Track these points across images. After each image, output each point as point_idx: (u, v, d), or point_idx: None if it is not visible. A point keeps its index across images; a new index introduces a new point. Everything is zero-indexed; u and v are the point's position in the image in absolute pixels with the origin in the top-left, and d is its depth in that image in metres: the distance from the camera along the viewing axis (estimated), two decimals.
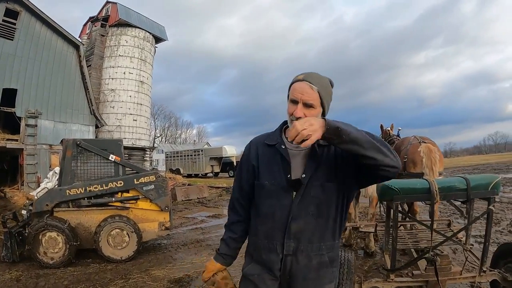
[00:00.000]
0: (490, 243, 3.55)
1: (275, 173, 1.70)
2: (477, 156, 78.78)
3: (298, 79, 1.66)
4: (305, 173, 1.65)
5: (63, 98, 19.75)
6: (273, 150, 1.73)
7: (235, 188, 1.91)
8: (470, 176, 3.52)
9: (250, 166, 1.80)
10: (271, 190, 1.69)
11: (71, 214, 6.35)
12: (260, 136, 1.89)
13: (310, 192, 1.64)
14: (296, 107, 1.62)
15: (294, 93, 1.64)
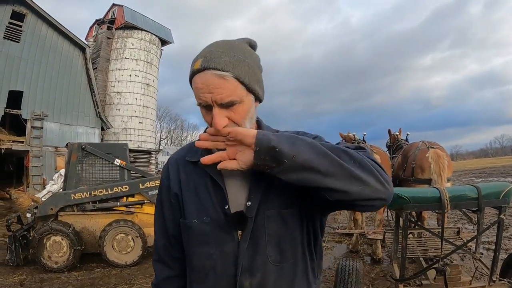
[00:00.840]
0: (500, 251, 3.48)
1: (205, 205, 1.16)
2: (484, 159, 78.32)
3: (196, 68, 1.07)
4: (250, 200, 1.11)
5: (69, 101, 19.89)
6: (199, 170, 1.18)
7: (157, 233, 1.35)
8: (481, 185, 3.45)
9: (172, 197, 1.25)
10: (203, 233, 1.15)
11: (75, 218, 6.33)
12: (181, 150, 1.35)
13: (263, 228, 1.12)
14: (213, 114, 1.06)
15: (198, 93, 1.07)
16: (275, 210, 1.13)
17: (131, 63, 27.09)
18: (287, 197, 1.13)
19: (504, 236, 7.38)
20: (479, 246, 3.93)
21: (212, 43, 1.15)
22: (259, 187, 1.13)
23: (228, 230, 1.13)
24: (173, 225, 1.27)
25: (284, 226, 1.13)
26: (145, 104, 27.93)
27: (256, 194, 1.13)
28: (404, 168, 5.85)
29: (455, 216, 9.95)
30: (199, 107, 1.12)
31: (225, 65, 1.05)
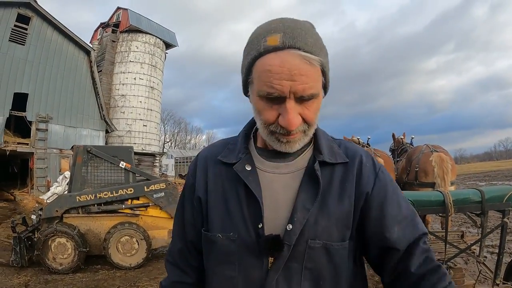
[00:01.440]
0: (503, 254, 3.49)
1: (234, 218, 0.95)
2: (488, 163, 77.93)
3: (274, 45, 0.82)
4: (292, 223, 0.90)
5: (74, 103, 20.01)
6: (232, 174, 0.97)
7: (175, 234, 1.14)
8: (485, 188, 3.46)
9: (195, 200, 1.04)
10: (228, 251, 0.95)
11: (80, 220, 6.36)
12: (214, 145, 1.13)
13: (301, 260, 0.91)
14: (282, 109, 0.85)
15: (271, 80, 0.82)
16: (321, 241, 0.91)
17: (136, 66, 27.28)
18: (342, 227, 0.94)
19: (509, 239, 7.36)
20: (483, 250, 3.92)
21: (279, 18, 0.90)
22: (307, 207, 0.91)
23: (258, 254, 0.91)
24: (193, 230, 1.07)
25: (328, 262, 0.92)
26: (149, 107, 28.07)
27: (301, 216, 0.90)
28: (408, 171, 5.86)
29: (460, 219, 9.92)
30: (255, 96, 0.89)
31: (312, 48, 0.83)
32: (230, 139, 1.10)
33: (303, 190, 0.93)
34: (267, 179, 0.95)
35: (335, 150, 1.00)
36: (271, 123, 0.88)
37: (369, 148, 6.46)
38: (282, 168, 0.97)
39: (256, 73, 0.86)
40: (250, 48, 0.88)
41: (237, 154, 1.00)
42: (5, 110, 16.82)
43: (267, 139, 0.94)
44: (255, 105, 0.91)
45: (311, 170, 0.94)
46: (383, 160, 5.52)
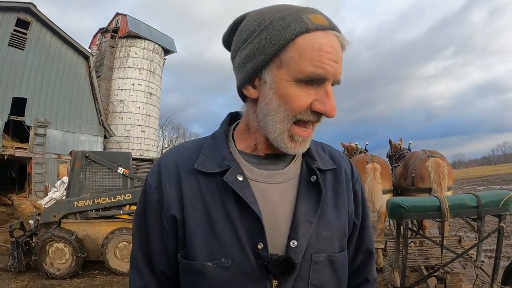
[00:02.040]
0: (501, 259, 3.51)
1: (224, 239, 0.80)
2: (486, 167, 78.07)
3: (322, 24, 0.76)
4: (297, 239, 0.80)
5: (72, 108, 20.01)
6: (217, 184, 0.83)
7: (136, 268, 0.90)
8: (481, 193, 3.49)
9: (167, 220, 0.85)
10: (221, 282, 0.80)
11: (78, 226, 6.37)
12: (181, 149, 0.92)
13: (306, 277, 0.83)
14: (321, 93, 0.77)
15: (322, 59, 0.73)
16: (325, 254, 0.85)
17: (134, 72, 27.29)
18: (342, 236, 0.90)
19: (507, 244, 7.39)
20: (480, 254, 3.96)
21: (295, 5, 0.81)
22: (310, 220, 0.83)
23: (260, 278, 0.79)
24: (164, 258, 0.88)
25: (333, 275, 0.86)
26: (148, 113, 28.05)
27: (305, 230, 0.81)
28: (405, 177, 5.88)
29: (458, 224, 9.94)
30: (288, 83, 0.76)
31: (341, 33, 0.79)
32: (202, 141, 0.91)
33: (302, 200, 0.84)
34: (260, 190, 0.82)
35: (322, 155, 0.94)
36: (300, 112, 0.77)
37: (366, 154, 6.49)
38: (275, 177, 0.86)
39: (298, 51, 0.73)
40: (286, 24, 0.75)
41: (221, 160, 0.84)
42: (3, 115, 16.81)
43: (278, 138, 0.80)
44: (283, 92, 0.76)
45: (307, 178, 0.87)
46: (379, 166, 5.55)
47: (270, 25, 0.76)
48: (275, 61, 0.76)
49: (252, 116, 0.86)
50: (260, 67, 0.78)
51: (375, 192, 5.32)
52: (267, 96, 0.79)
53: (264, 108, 0.80)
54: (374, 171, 5.41)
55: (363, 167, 5.49)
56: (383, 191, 5.43)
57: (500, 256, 3.49)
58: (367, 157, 5.86)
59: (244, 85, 0.84)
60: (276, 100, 0.78)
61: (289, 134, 0.80)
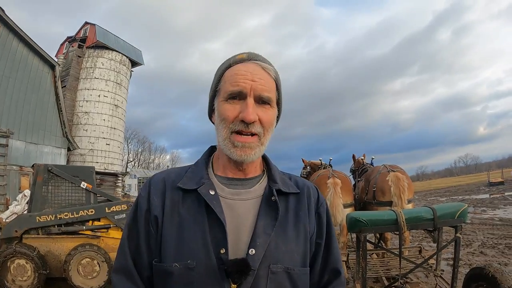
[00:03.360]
0: (461, 265, 3.69)
1: (191, 244, 0.93)
2: (449, 179, 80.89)
3: (241, 58, 1.01)
4: (255, 248, 0.92)
5: (36, 119, 19.33)
6: (193, 200, 0.99)
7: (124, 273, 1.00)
8: (437, 206, 3.67)
9: (153, 223, 0.99)
10: (186, 281, 0.91)
11: (40, 242, 6.16)
12: (170, 171, 1.10)
13: (264, 285, 0.92)
14: (243, 105, 0.96)
15: (237, 79, 0.97)
16: (283, 265, 0.94)
17: (101, 83, 26.85)
18: (303, 252, 1.00)
19: (468, 251, 7.72)
20: (439, 264, 4.13)
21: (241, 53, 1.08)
22: (268, 232, 0.95)
23: (220, 281, 0.89)
24: (149, 264, 0.99)
25: (291, 287, 0.95)
26: (113, 126, 27.57)
27: (263, 240, 0.93)
28: (367, 191, 6.04)
29: (420, 234, 10.27)
30: (219, 100, 1.01)
31: (269, 64, 1.02)
32: (188, 167, 1.09)
33: (262, 215, 0.97)
34: (229, 205, 0.97)
35: (287, 181, 1.09)
36: (232, 121, 0.97)
37: (328, 169, 6.63)
38: (242, 195, 1.01)
39: (224, 79, 1.01)
40: (220, 67, 1.05)
41: (199, 179, 1.01)
42: None
43: (224, 146, 0.99)
44: (219, 110, 1.00)
45: (268, 198, 1.01)
46: (340, 181, 5.68)
47: (217, 70, 1.06)
48: (216, 92, 1.04)
49: (217, 138, 1.06)
50: (212, 98, 1.07)
51: (336, 206, 5.43)
52: (216, 116, 1.04)
53: (216, 127, 1.04)
54: (335, 185, 5.53)
55: (325, 182, 5.61)
56: (344, 205, 5.55)
57: (458, 264, 3.67)
58: (329, 172, 6.00)
59: (210, 114, 1.10)
60: (218, 117, 1.01)
61: (230, 141, 0.98)
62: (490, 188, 30.77)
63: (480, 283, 3.65)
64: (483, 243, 8.59)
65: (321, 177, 5.95)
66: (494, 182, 33.19)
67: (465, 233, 9.88)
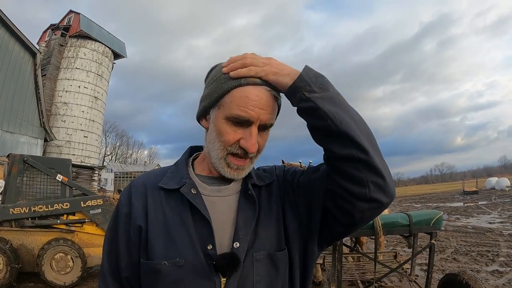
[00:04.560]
0: (435, 271, 3.77)
1: (178, 243, 0.95)
2: (424, 186, 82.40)
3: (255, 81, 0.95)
4: (239, 240, 0.96)
5: (14, 107, 18.79)
6: (176, 200, 1.01)
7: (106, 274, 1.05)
8: (413, 213, 3.74)
9: (133, 230, 1.01)
10: (176, 279, 0.93)
11: (13, 234, 6.03)
12: (150, 174, 1.13)
13: (251, 274, 0.96)
14: (247, 133, 0.96)
15: (247, 105, 0.93)
16: (265, 252, 0.99)
17: (81, 74, 26.36)
18: (278, 237, 1.03)
19: (442, 257, 7.90)
20: (414, 269, 4.21)
21: None
22: (248, 224, 0.99)
23: (209, 276, 0.93)
24: (129, 265, 1.01)
25: (274, 271, 0.99)
26: (92, 118, 27.13)
27: (245, 233, 0.97)
28: None
29: (395, 239, 10.43)
30: (222, 120, 0.96)
31: (278, 92, 0.99)
32: (167, 168, 1.11)
33: (241, 209, 1.01)
34: (211, 202, 1.00)
35: (260, 175, 1.12)
36: (231, 145, 0.96)
37: None
38: (222, 191, 1.04)
39: (231, 98, 0.95)
40: (226, 79, 0.96)
41: (180, 179, 1.03)
42: None
43: (217, 163, 1.00)
44: (218, 127, 0.97)
45: (246, 192, 1.04)
46: None
47: (218, 79, 0.99)
48: (217, 104, 0.98)
49: (205, 143, 1.08)
50: (209, 107, 1.02)
51: None
52: (211, 128, 1.01)
53: (209, 137, 1.03)
54: None
55: None
56: None
57: (432, 270, 3.76)
58: None
59: (200, 117, 1.07)
60: (214, 132, 0.99)
61: (226, 162, 0.99)
62: (464, 197, 31.42)
63: None
64: (456, 250, 8.80)
65: None
66: (468, 191, 33.92)
67: (439, 240, 10.10)
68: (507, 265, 7.15)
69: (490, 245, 9.26)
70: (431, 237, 3.67)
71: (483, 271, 6.71)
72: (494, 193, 32.66)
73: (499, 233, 11.14)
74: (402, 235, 4.02)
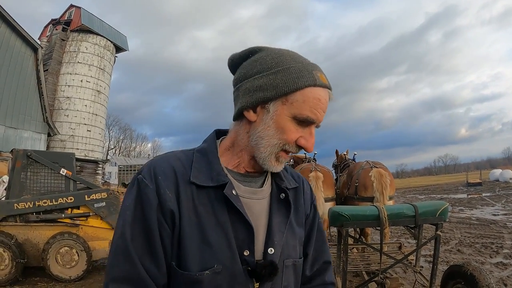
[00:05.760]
0: (439, 262, 3.75)
1: (215, 247, 0.88)
2: (428, 177, 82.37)
3: (324, 83, 0.94)
4: (273, 246, 0.95)
5: (16, 103, 18.80)
6: (208, 196, 0.92)
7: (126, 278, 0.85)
8: (418, 203, 3.71)
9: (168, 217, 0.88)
10: (214, 285, 0.88)
11: (18, 229, 6.03)
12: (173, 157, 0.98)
13: (280, 280, 0.97)
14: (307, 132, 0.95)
15: (317, 107, 0.92)
16: (292, 259, 1.00)
17: (84, 68, 26.28)
18: (301, 245, 1.07)
19: (446, 249, 7.89)
20: (419, 260, 4.20)
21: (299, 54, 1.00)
22: (282, 229, 0.99)
23: (246, 282, 0.90)
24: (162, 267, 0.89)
25: (295, 278, 1.02)
26: (95, 112, 27.09)
27: (279, 238, 0.97)
28: (349, 186, 6.08)
29: (399, 230, 10.43)
30: (286, 117, 0.92)
31: None
32: (190, 154, 1.00)
33: (275, 213, 0.99)
34: (245, 204, 0.94)
35: (287, 176, 1.10)
36: (289, 143, 0.94)
37: (311, 163, 6.65)
38: (257, 194, 0.99)
39: (304, 97, 0.91)
40: (299, 72, 0.91)
41: (215, 175, 0.93)
42: None
43: (265, 158, 0.95)
44: (280, 124, 0.92)
45: (277, 195, 1.02)
46: (322, 175, 5.70)
47: (287, 70, 0.92)
48: (282, 98, 0.92)
49: (243, 135, 0.99)
50: (268, 99, 0.93)
51: (317, 199, 5.44)
52: (267, 123, 0.94)
53: (261, 132, 0.94)
54: (317, 179, 5.55)
55: (307, 175, 5.62)
56: (326, 199, 5.56)
57: (438, 261, 3.73)
58: (311, 165, 6.02)
59: (247, 108, 0.96)
60: (273, 128, 0.93)
61: (275, 157, 0.96)
62: (468, 188, 31.31)
63: (458, 280, 3.72)
64: (460, 242, 8.79)
65: (304, 170, 5.96)
66: (472, 183, 33.80)
67: (443, 231, 10.07)
68: (511, 257, 7.14)
69: (494, 237, 9.23)
70: (436, 228, 3.63)
71: (487, 263, 6.68)
72: (498, 185, 32.57)
73: (503, 225, 11.10)
74: (407, 226, 4.00)
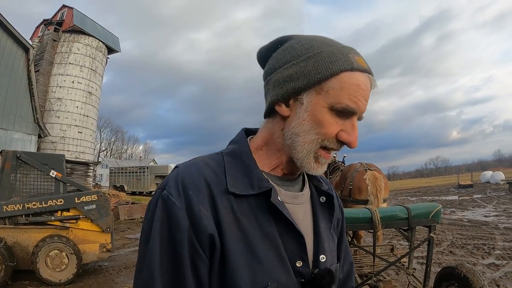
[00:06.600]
0: (432, 264, 3.73)
1: (269, 262, 0.78)
2: (420, 179, 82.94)
3: (364, 67, 0.82)
4: (324, 253, 0.89)
5: (7, 103, 18.54)
6: (249, 206, 0.81)
7: None
8: (411, 206, 3.70)
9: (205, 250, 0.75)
10: None
11: (7, 232, 5.95)
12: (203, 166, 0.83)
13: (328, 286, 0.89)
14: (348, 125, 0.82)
15: (358, 95, 0.80)
16: (335, 265, 0.93)
17: (75, 69, 26.03)
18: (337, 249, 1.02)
19: (438, 251, 7.92)
20: (411, 262, 4.19)
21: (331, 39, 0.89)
22: (328, 236, 0.93)
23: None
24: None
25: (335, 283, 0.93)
26: (86, 113, 26.84)
27: (328, 244, 0.91)
28: (342, 188, 6.07)
29: (391, 232, 10.46)
30: (324, 108, 0.80)
31: None
32: (219, 158, 0.87)
33: (320, 218, 0.92)
34: (290, 211, 0.84)
35: (322, 177, 1.01)
36: (328, 138, 0.81)
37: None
38: (299, 198, 0.90)
39: (341, 83, 0.79)
40: (333, 55, 0.80)
41: (256, 181, 0.82)
42: None
43: (303, 158, 0.83)
44: (317, 116, 0.80)
45: (317, 199, 0.94)
46: None
47: (319, 55, 0.81)
48: (316, 87, 0.80)
49: (278, 133, 0.88)
50: (301, 89, 0.81)
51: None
52: (301, 117, 0.82)
53: (295, 128, 0.83)
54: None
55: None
56: None
57: (431, 263, 3.72)
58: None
59: (278, 102, 0.85)
60: (309, 122, 0.81)
61: (314, 155, 0.83)
62: (460, 190, 31.68)
63: (452, 282, 3.72)
64: (452, 243, 8.84)
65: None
66: (463, 185, 34.19)
67: (435, 233, 10.11)
68: (503, 258, 7.18)
69: (486, 238, 9.32)
70: (429, 230, 3.63)
71: (479, 264, 6.73)
72: (489, 187, 32.95)
73: (494, 226, 11.20)
74: (400, 229, 3.99)
